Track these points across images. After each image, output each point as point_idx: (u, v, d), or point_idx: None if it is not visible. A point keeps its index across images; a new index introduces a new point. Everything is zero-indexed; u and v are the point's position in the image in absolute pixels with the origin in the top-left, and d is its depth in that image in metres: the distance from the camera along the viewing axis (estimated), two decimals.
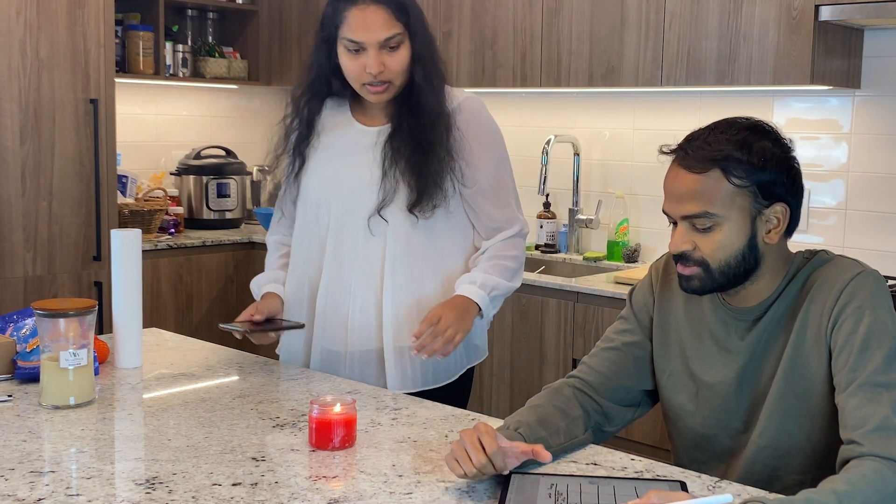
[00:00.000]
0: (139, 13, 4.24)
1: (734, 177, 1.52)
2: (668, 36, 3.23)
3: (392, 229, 2.07)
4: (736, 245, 1.54)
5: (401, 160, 2.04)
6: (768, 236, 1.56)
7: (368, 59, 1.99)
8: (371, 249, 2.09)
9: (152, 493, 1.41)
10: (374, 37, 1.99)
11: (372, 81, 2.01)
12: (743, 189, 1.53)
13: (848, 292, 1.52)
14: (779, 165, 1.55)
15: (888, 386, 1.44)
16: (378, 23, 1.99)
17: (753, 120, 1.59)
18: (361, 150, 2.09)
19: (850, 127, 3.25)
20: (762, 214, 1.55)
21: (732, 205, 1.53)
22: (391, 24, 1.99)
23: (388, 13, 1.99)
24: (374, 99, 2.06)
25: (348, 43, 2.01)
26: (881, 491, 1.34)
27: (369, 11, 1.99)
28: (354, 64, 2.02)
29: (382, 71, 2.00)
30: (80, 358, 1.80)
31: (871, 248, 3.20)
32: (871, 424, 1.41)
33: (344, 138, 2.13)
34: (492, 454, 1.42)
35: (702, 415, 1.67)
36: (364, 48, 2.00)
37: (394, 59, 2.01)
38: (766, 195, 1.54)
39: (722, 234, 1.54)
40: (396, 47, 2.01)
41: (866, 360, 1.46)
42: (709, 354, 1.65)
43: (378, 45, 1.99)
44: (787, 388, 1.56)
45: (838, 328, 1.51)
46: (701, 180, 1.53)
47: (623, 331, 1.76)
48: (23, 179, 3.46)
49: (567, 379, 1.75)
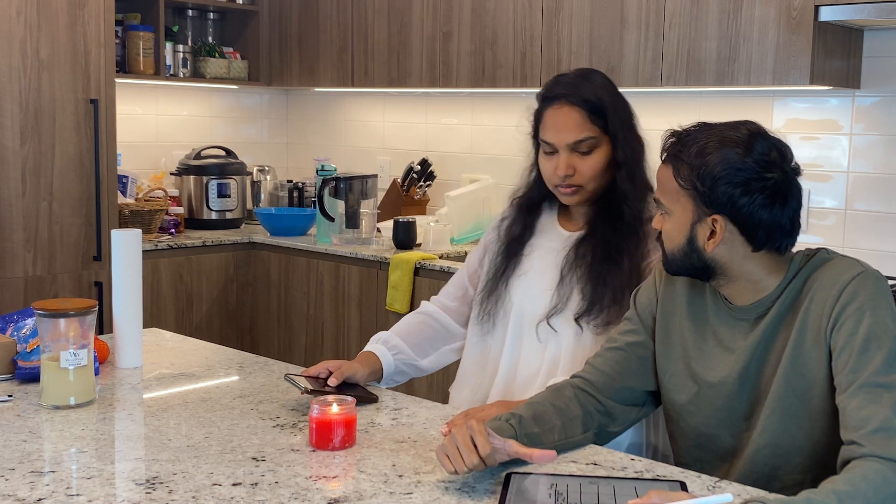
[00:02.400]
0: (139, 13, 4.24)
1: (680, 178, 1.58)
2: (668, 36, 3.23)
3: (559, 339, 1.96)
4: (676, 240, 1.61)
5: (581, 266, 1.95)
6: (707, 244, 1.59)
7: (559, 160, 1.93)
8: (533, 357, 1.99)
9: (152, 493, 1.41)
10: (564, 139, 1.92)
11: (560, 184, 1.95)
12: (685, 190, 1.58)
13: (848, 292, 1.52)
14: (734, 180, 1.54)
15: (889, 387, 1.44)
16: (570, 125, 1.92)
17: (743, 130, 1.58)
18: (552, 254, 2.02)
19: (849, 127, 3.25)
20: (702, 221, 1.58)
21: (676, 202, 1.60)
22: (584, 126, 1.92)
23: (581, 115, 1.92)
24: (567, 201, 1.99)
25: (543, 144, 1.97)
26: (882, 491, 1.34)
27: (562, 112, 1.93)
28: (547, 165, 1.97)
29: (571, 175, 1.93)
30: (81, 358, 1.81)
31: (871, 248, 3.20)
32: (871, 425, 1.41)
33: (544, 241, 2.06)
34: (485, 456, 1.43)
35: (703, 414, 1.67)
36: (556, 150, 1.94)
37: (585, 164, 1.93)
38: (707, 203, 1.56)
39: (669, 224, 1.62)
40: (589, 151, 1.93)
41: (867, 361, 1.46)
42: (712, 354, 1.66)
43: (568, 148, 1.93)
44: (787, 387, 1.56)
45: (839, 328, 1.51)
46: (663, 169, 1.63)
47: (626, 331, 1.77)
48: (23, 179, 3.46)
49: (571, 379, 1.75)
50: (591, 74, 2.00)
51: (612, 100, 1.96)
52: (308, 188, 4.64)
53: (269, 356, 2.34)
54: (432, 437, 1.69)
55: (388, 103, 4.62)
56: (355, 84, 4.26)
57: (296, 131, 5.11)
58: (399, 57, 4.05)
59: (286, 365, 2.16)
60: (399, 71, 4.06)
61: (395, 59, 4.07)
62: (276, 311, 4.20)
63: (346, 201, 3.93)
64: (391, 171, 4.55)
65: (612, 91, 1.98)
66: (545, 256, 2.03)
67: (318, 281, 3.98)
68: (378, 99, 4.65)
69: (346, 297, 3.88)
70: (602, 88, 1.96)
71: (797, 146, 3.34)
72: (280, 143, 5.13)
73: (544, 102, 1.97)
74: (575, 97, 1.93)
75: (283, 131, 5.14)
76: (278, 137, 5.13)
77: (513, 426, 1.57)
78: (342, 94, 4.80)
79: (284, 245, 4.12)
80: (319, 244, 3.99)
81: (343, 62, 4.29)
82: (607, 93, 1.96)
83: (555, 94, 1.95)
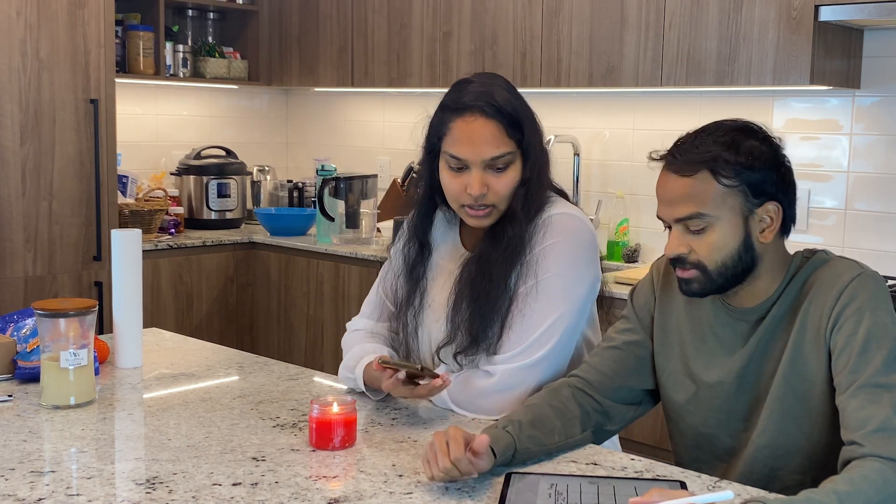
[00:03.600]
0: (139, 13, 4.24)
1: (723, 177, 1.53)
2: (668, 36, 3.23)
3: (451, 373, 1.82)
4: (731, 245, 1.55)
5: (463, 296, 1.80)
6: (762, 235, 1.56)
7: (471, 178, 1.74)
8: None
9: (152, 493, 1.41)
10: (480, 155, 1.73)
11: (472, 204, 1.77)
12: (733, 189, 1.53)
13: (848, 294, 1.52)
14: (768, 164, 1.54)
15: (888, 387, 1.44)
16: (486, 139, 1.73)
17: (741, 121, 1.59)
18: (450, 276, 1.87)
19: (849, 127, 3.25)
20: (754, 214, 1.55)
21: (723, 205, 1.53)
22: (501, 141, 1.74)
23: (499, 128, 1.74)
24: (474, 223, 1.81)
25: (450, 159, 1.77)
26: (883, 491, 1.34)
27: (477, 125, 1.73)
28: (455, 183, 1.77)
29: (485, 194, 1.75)
30: (81, 358, 1.81)
31: (871, 248, 3.20)
32: (872, 425, 1.41)
33: (443, 259, 1.92)
34: (455, 460, 1.42)
35: (702, 414, 1.67)
36: (467, 166, 1.76)
37: (500, 182, 1.76)
38: (756, 194, 1.54)
39: (716, 235, 1.54)
40: (504, 168, 1.76)
41: (866, 362, 1.47)
42: (710, 355, 1.66)
43: (483, 165, 1.75)
44: (786, 388, 1.56)
45: (838, 329, 1.51)
46: (691, 183, 1.54)
47: (624, 330, 1.77)
48: (23, 179, 3.46)
49: (567, 379, 1.75)
50: (498, 80, 1.82)
51: (525, 111, 1.80)
52: (308, 188, 4.64)
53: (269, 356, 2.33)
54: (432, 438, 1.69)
55: (388, 103, 4.62)
56: (355, 84, 4.26)
57: (296, 131, 5.11)
58: (399, 57, 4.05)
59: (286, 365, 2.16)
60: (399, 71, 4.06)
61: (395, 59, 4.07)
62: (276, 311, 4.20)
63: (346, 201, 3.93)
64: (391, 171, 4.55)
65: (521, 99, 1.82)
66: (443, 279, 1.89)
67: (318, 281, 3.98)
68: (378, 99, 4.65)
69: (346, 296, 3.88)
70: (514, 97, 1.79)
71: (797, 146, 3.34)
72: (280, 143, 5.13)
73: (451, 113, 1.77)
74: (490, 108, 1.74)
75: (283, 131, 5.14)
76: (278, 137, 5.13)
77: (510, 433, 1.56)
78: (342, 94, 4.80)
79: (284, 245, 4.12)
80: (319, 244, 3.99)
81: (343, 62, 4.29)
82: (519, 102, 1.80)
83: (465, 105, 1.75)
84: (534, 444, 1.58)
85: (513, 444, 1.55)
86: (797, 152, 3.34)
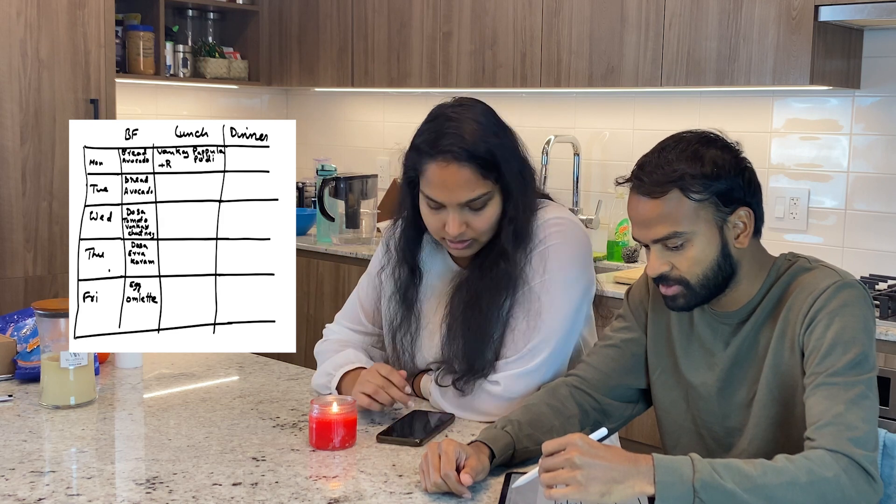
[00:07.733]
0: (139, 13, 4.24)
1: (692, 192, 1.53)
2: (668, 36, 3.23)
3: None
4: (710, 256, 1.56)
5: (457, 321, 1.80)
6: (738, 241, 1.58)
7: (449, 218, 1.75)
8: None
9: (153, 493, 1.41)
10: (455, 198, 1.73)
11: (453, 238, 1.77)
12: (703, 202, 1.54)
13: (823, 299, 1.52)
14: (732, 171, 1.55)
15: (846, 386, 1.45)
16: (459, 184, 1.71)
17: (698, 132, 1.60)
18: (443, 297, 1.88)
19: (849, 127, 3.25)
20: (728, 222, 1.56)
21: (697, 219, 1.54)
22: (476, 184, 1.72)
23: (472, 172, 1.71)
24: (457, 254, 1.84)
25: (428, 199, 1.77)
26: (812, 474, 1.34)
27: (451, 171, 1.71)
28: (434, 219, 1.78)
29: (464, 231, 1.76)
30: (81, 358, 1.81)
31: (871, 248, 3.20)
32: (824, 420, 1.42)
33: (434, 279, 1.92)
34: (444, 476, 1.42)
35: (690, 414, 1.68)
36: (444, 206, 1.75)
37: (479, 219, 1.76)
38: (726, 202, 1.55)
39: (695, 249, 1.55)
40: (482, 207, 1.75)
41: (830, 363, 1.47)
42: (695, 356, 1.67)
43: (459, 207, 1.74)
44: (770, 396, 1.57)
45: (810, 333, 1.52)
46: (662, 203, 1.54)
47: (621, 328, 1.77)
48: (23, 179, 3.46)
49: (566, 378, 1.75)
50: (473, 111, 1.78)
51: (501, 142, 1.76)
52: (308, 188, 4.64)
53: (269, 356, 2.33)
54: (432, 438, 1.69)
55: (388, 103, 4.62)
56: (355, 84, 4.26)
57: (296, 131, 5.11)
58: (399, 57, 4.05)
59: (286, 365, 2.17)
60: (399, 71, 4.06)
61: (395, 59, 4.07)
62: None
63: (346, 201, 3.93)
64: (391, 171, 4.55)
65: (497, 129, 1.77)
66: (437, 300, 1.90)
67: (318, 281, 3.98)
68: (378, 99, 4.66)
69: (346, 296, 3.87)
70: (489, 132, 1.74)
71: (797, 146, 3.34)
72: None
73: (425, 156, 1.75)
74: (463, 153, 1.71)
75: None
76: None
77: (509, 433, 1.57)
78: (342, 94, 4.80)
79: None
80: (319, 244, 3.99)
81: (343, 62, 4.29)
82: (494, 135, 1.75)
83: (438, 149, 1.72)
84: (533, 444, 1.58)
85: (512, 444, 1.56)
86: (797, 152, 3.34)
